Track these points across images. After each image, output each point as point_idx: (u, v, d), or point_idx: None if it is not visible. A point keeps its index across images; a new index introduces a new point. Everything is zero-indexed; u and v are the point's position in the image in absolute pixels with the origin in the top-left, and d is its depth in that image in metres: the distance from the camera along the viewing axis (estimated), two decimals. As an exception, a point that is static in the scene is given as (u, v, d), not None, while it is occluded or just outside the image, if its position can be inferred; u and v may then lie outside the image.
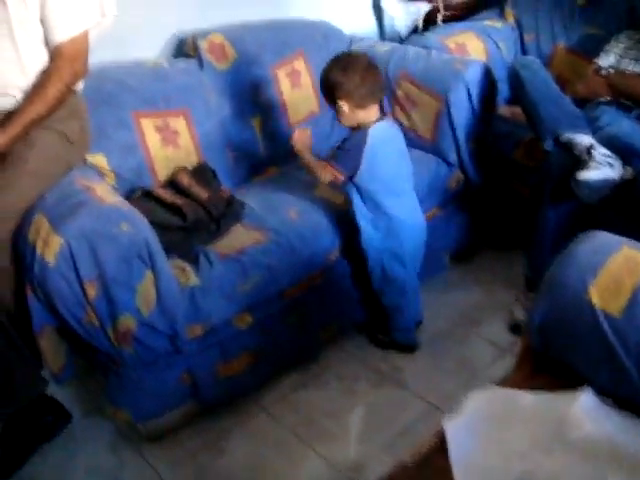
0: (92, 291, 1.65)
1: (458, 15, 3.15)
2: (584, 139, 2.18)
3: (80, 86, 1.96)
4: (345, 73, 1.94)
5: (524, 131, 2.56)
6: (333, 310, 2.27)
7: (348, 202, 2.11)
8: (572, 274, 1.24)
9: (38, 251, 1.61)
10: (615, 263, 1.23)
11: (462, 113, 2.46)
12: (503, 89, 2.73)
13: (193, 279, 1.91)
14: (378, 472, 1.25)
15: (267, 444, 2.00)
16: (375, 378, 2.21)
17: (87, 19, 1.82)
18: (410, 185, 2.18)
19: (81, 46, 1.82)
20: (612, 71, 2.53)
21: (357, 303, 2.33)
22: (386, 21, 3.22)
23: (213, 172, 2.30)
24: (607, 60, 2.58)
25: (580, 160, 2.13)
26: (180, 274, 1.91)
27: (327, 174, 2.04)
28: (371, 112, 2.00)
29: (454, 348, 2.31)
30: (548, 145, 2.26)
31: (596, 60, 2.61)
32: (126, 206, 1.76)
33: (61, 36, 1.77)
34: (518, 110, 2.69)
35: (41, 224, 1.64)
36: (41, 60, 1.81)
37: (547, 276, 1.29)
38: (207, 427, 2.06)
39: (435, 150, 2.55)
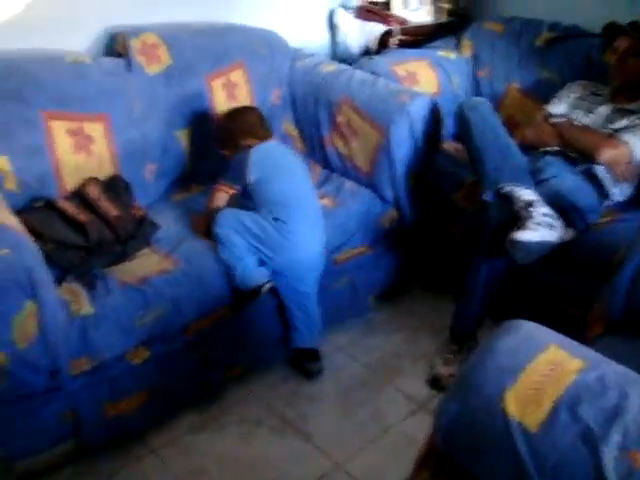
0: (-42, 321, 1.45)
1: (413, 40, 3.02)
2: (526, 194, 2.07)
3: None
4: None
5: (466, 172, 2.44)
6: (242, 348, 2.10)
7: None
8: (489, 375, 1.10)
9: None
10: (538, 366, 1.09)
11: (403, 148, 2.33)
12: (450, 124, 2.61)
13: (86, 308, 1.73)
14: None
15: (150, 491, 1.82)
16: (278, 425, 2.05)
17: None
18: (309, 199, 2.15)
19: None
20: (562, 120, 2.44)
21: (273, 342, 2.17)
22: (339, 37, 3.05)
23: (127, 186, 2.12)
24: (558, 108, 2.49)
25: (519, 216, 2.02)
26: (72, 300, 1.73)
27: (220, 194, 2.09)
28: (251, 142, 2.18)
29: (368, 398, 2.17)
30: (488, 195, 2.15)
31: (546, 107, 2.52)
32: (11, 225, 1.55)
33: None
34: (463, 148, 2.59)
35: None
36: None
37: (462, 374, 1.15)
38: (89, 469, 1.88)
39: (371, 184, 2.41)
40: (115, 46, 2.31)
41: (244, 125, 2.23)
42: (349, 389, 2.20)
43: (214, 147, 2.29)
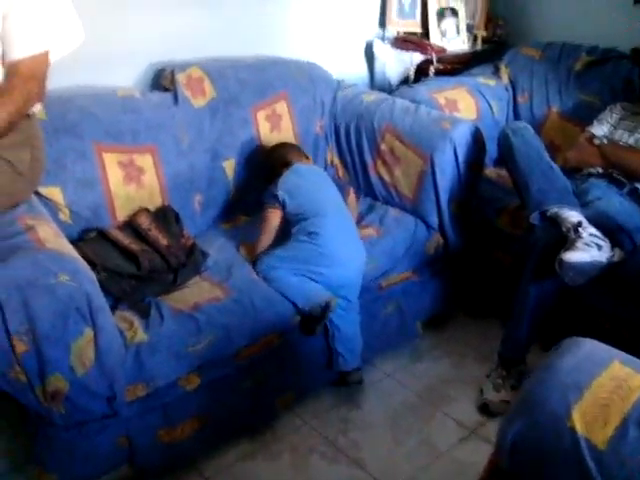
0: (21, 346, 1.48)
1: (451, 69, 3.05)
2: (572, 215, 2.06)
3: (37, 109, 1.79)
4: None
5: (510, 197, 2.44)
6: (292, 375, 2.11)
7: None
8: (553, 393, 1.09)
9: (-37, 299, 1.44)
10: (603, 383, 1.08)
11: (447, 175, 2.33)
12: (492, 149, 2.61)
13: (140, 335, 1.75)
14: None
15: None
16: (331, 453, 2.04)
17: (50, 39, 1.66)
18: (338, 210, 2.19)
19: (39, 66, 1.66)
20: (605, 141, 2.44)
21: (319, 367, 2.17)
22: (377, 67, 3.10)
23: (177, 216, 2.15)
24: (600, 129, 2.49)
25: (566, 238, 2.01)
26: (127, 328, 1.75)
27: (269, 215, 2.16)
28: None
29: (418, 424, 2.15)
30: (534, 218, 2.14)
31: (589, 128, 2.52)
32: (69, 252, 1.59)
33: (19, 53, 1.62)
34: (505, 173, 2.59)
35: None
36: None
37: (525, 390, 1.14)
38: (143, 495, 1.89)
39: (415, 210, 2.42)
40: (161, 80, 2.37)
41: (281, 157, 2.33)
42: (399, 416, 2.19)
43: (260, 179, 2.35)
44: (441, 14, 3.09)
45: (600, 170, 2.38)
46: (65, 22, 1.72)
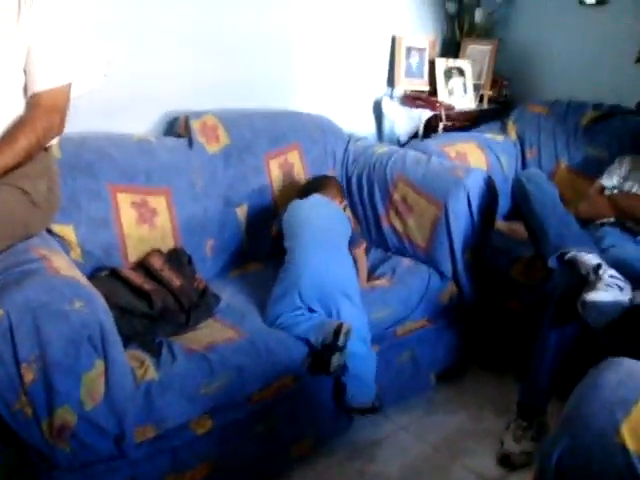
0: (29, 375, 1.42)
1: (459, 126, 3.09)
2: (591, 258, 2.03)
3: (54, 142, 1.79)
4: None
5: (523, 248, 2.43)
6: (305, 422, 2.02)
7: None
8: (598, 410, 1.04)
9: (-27, 322, 1.39)
10: (650, 398, 1.03)
11: (461, 222, 2.32)
12: (502, 204, 2.60)
13: (151, 373, 1.69)
14: None
15: None
16: (346, 508, 1.94)
17: (72, 72, 1.68)
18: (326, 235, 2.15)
19: (61, 99, 1.67)
20: (616, 192, 2.44)
21: (333, 416, 2.09)
22: (386, 124, 3.14)
23: (189, 258, 2.12)
24: (610, 181, 2.51)
25: (587, 280, 1.98)
26: (137, 367, 1.69)
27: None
28: None
29: (437, 478, 2.06)
30: (552, 262, 2.11)
31: (599, 180, 2.54)
32: (84, 281, 1.55)
33: (42, 85, 1.63)
34: (516, 227, 2.59)
35: (-20, 291, 1.43)
36: (16, 111, 1.65)
37: (567, 410, 1.09)
38: None
39: (429, 259, 2.39)
40: (175, 128, 2.39)
41: (311, 185, 2.41)
42: (417, 469, 2.09)
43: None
44: (448, 73, 3.15)
45: (612, 220, 2.37)
46: (88, 57, 1.74)
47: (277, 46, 2.73)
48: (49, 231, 1.88)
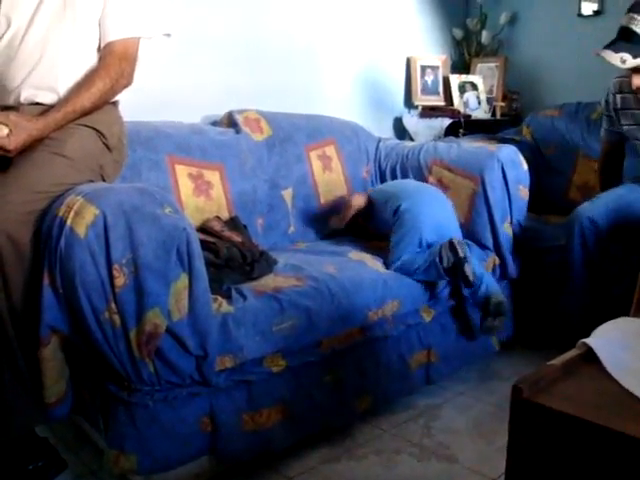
0: (121, 279, 1.45)
1: (475, 133, 3.23)
2: None
3: (122, 97, 1.89)
4: None
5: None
6: (371, 378, 2.02)
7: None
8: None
9: (68, 223, 1.43)
10: None
11: (497, 192, 2.42)
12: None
13: (226, 307, 1.72)
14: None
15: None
16: (419, 453, 1.92)
17: (142, 28, 1.81)
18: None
19: (131, 49, 1.78)
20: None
21: (397, 376, 2.10)
22: (409, 134, 3.30)
23: (245, 226, 2.18)
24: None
25: None
26: (212, 300, 1.71)
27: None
28: None
29: (502, 429, 1.98)
30: None
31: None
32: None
33: (115, 35, 1.75)
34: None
35: (74, 201, 1.48)
36: (91, 62, 1.77)
37: None
38: (224, 495, 1.74)
39: (469, 234, 2.45)
40: (218, 125, 2.51)
41: None
42: (480, 422, 2.10)
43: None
44: (462, 88, 3.34)
45: None
46: (154, 18, 1.87)
47: (304, 62, 2.94)
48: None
